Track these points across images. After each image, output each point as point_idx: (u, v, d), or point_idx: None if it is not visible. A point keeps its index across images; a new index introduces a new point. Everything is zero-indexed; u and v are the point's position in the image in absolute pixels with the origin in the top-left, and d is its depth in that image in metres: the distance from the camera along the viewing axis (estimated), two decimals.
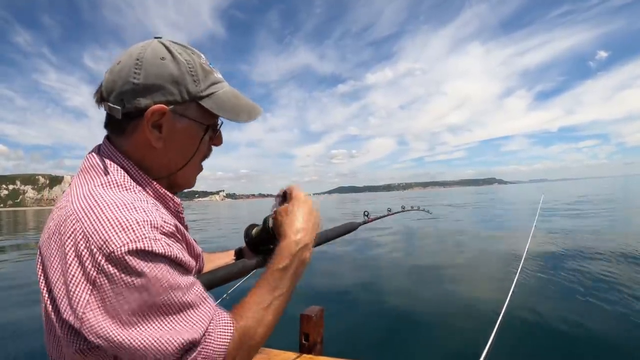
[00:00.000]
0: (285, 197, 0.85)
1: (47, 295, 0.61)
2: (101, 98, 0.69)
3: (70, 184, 0.69)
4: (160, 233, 0.60)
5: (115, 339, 0.55)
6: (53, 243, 0.60)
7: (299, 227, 0.77)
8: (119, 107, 0.66)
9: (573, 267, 6.04)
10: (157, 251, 0.58)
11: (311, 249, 0.79)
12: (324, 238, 1.11)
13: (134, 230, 0.57)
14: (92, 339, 0.55)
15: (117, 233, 0.56)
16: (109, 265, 0.54)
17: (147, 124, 0.67)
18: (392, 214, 1.37)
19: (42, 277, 0.62)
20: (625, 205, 18.33)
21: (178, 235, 0.64)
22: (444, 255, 8.08)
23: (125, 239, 0.55)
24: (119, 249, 0.55)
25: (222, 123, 0.77)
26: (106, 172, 0.66)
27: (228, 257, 1.07)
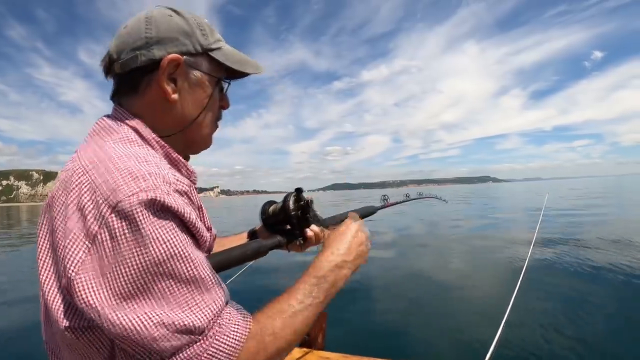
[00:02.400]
0: (342, 221, 0.85)
1: (43, 262, 0.55)
2: (109, 63, 0.69)
3: (76, 151, 0.65)
4: (173, 190, 0.55)
5: (104, 309, 0.48)
6: (56, 203, 0.55)
7: (345, 247, 0.76)
8: (149, 52, 0.65)
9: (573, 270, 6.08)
10: (170, 205, 0.53)
11: (350, 272, 0.76)
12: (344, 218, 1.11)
13: (145, 180, 0.52)
14: (79, 305, 0.49)
15: (126, 182, 0.51)
16: (114, 217, 0.49)
17: (162, 75, 0.66)
18: (410, 199, 1.32)
19: (41, 244, 0.57)
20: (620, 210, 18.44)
21: (191, 197, 0.60)
22: (446, 254, 8.09)
23: (134, 188, 0.51)
24: (127, 198, 0.50)
25: (229, 84, 0.77)
26: (117, 131, 0.64)
27: (241, 241, 0.97)
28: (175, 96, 0.68)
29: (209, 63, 0.71)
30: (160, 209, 0.52)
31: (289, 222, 0.89)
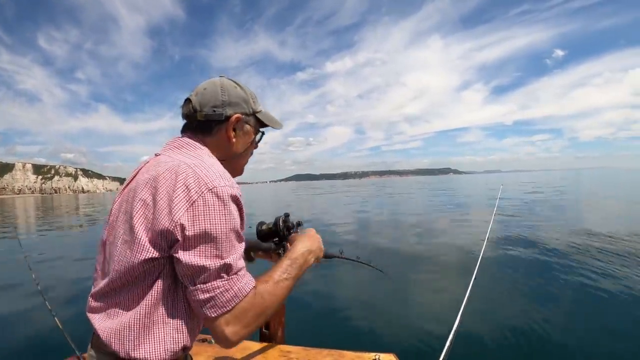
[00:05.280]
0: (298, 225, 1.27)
1: (140, 215, 0.84)
2: (192, 111, 1.02)
3: (156, 155, 1.00)
4: (237, 192, 0.88)
5: (187, 242, 0.80)
6: (163, 180, 0.85)
7: (309, 242, 1.11)
8: (221, 112, 1.01)
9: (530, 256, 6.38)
10: (239, 199, 0.88)
11: (314, 259, 1.10)
12: None
13: (229, 180, 0.87)
14: (177, 235, 0.79)
15: (218, 178, 0.85)
16: (209, 193, 0.82)
17: (230, 126, 1.03)
18: (359, 261, 1.54)
19: (136, 206, 0.86)
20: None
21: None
22: (404, 246, 8.27)
23: (224, 182, 0.85)
24: (220, 186, 0.84)
25: (262, 134, 1.15)
26: (201, 148, 0.99)
27: None
28: (234, 140, 1.05)
29: (255, 120, 1.09)
30: (234, 200, 0.86)
31: (277, 235, 1.25)
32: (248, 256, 1.26)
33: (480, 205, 17.23)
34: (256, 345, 1.89)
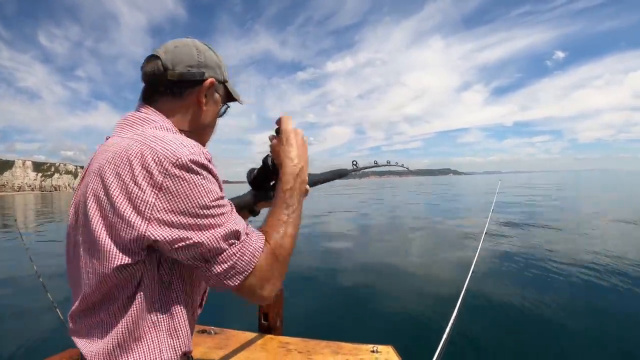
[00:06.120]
0: (278, 131, 1.01)
1: (97, 217, 0.72)
2: (160, 70, 0.87)
3: (108, 138, 0.85)
4: (205, 157, 0.76)
5: (176, 229, 0.70)
6: (112, 167, 0.73)
7: (295, 154, 0.96)
8: (202, 71, 0.90)
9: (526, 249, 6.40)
10: (209, 167, 0.75)
11: (306, 172, 0.97)
12: (321, 179, 1.19)
13: (192, 147, 0.74)
14: (157, 235, 0.69)
15: (180, 148, 0.72)
16: (176, 169, 0.70)
17: (203, 90, 0.91)
18: (378, 166, 1.49)
19: (90, 205, 0.73)
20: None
21: (213, 162, 0.80)
22: (403, 241, 8.28)
23: (187, 152, 0.72)
24: (184, 157, 0.71)
25: (227, 108, 1.04)
26: (154, 122, 0.85)
27: None
28: (204, 106, 0.93)
29: (223, 90, 0.99)
30: (203, 167, 0.73)
31: (271, 177, 1.07)
32: (251, 211, 1.13)
33: (479, 203, 17.24)
34: (255, 337, 1.90)
